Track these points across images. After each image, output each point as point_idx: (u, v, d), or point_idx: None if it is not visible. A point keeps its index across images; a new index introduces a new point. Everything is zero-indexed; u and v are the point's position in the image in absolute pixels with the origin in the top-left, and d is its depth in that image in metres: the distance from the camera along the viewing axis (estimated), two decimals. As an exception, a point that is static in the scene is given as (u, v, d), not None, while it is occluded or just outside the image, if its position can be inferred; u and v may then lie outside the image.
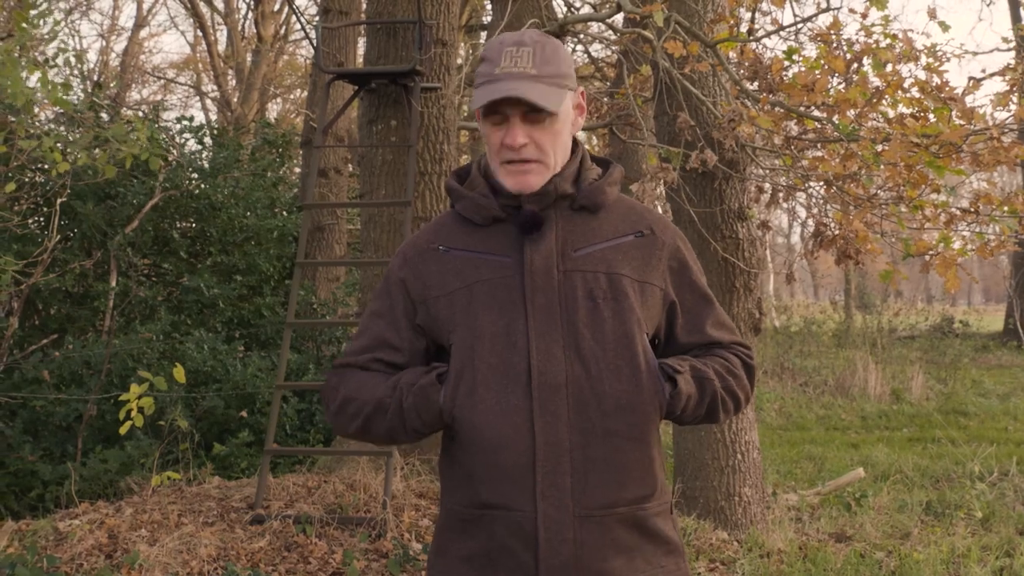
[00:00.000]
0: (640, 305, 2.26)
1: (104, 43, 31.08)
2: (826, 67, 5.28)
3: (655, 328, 2.33)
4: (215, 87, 30.57)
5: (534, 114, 2.22)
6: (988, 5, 35.56)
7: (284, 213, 11.12)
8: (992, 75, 7.10)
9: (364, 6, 13.80)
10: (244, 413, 8.23)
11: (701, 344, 2.39)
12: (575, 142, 2.37)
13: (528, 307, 2.20)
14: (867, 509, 7.44)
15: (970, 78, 5.51)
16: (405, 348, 2.33)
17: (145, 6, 32.65)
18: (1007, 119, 5.12)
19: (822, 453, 10.48)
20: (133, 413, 6.44)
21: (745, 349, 2.43)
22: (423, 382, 2.23)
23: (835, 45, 5.70)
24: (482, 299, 2.23)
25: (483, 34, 22.67)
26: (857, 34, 5.82)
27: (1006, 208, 5.81)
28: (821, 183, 6.24)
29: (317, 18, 12.86)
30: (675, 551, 2.31)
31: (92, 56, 31.31)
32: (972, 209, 5.87)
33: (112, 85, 14.88)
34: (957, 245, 5.32)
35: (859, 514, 7.30)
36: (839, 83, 5.96)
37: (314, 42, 8.46)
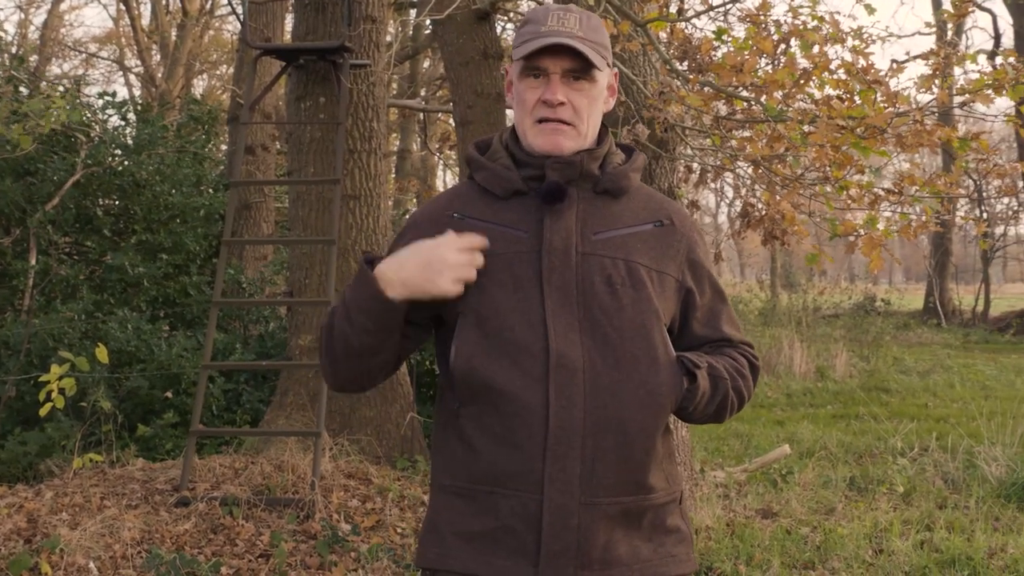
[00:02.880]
0: (658, 296, 2.22)
1: (23, 15, 30.26)
2: (755, 48, 5.31)
3: (671, 320, 2.30)
4: (139, 62, 29.97)
5: (575, 76, 2.20)
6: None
7: (210, 191, 10.94)
8: (914, 58, 7.21)
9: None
10: (169, 394, 8.10)
11: (713, 339, 2.36)
12: (603, 125, 2.34)
13: (545, 286, 2.15)
14: (793, 485, 7.54)
15: (893, 61, 5.57)
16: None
17: (66, -22, 31.90)
18: (930, 102, 5.19)
19: (749, 430, 10.61)
20: (54, 394, 6.30)
21: (751, 349, 2.41)
22: (359, 271, 2.18)
23: (763, 26, 5.73)
24: (495, 271, 2.17)
25: (412, 12, 22.45)
26: (785, 15, 5.87)
27: (928, 189, 5.91)
28: (749, 163, 6.29)
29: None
30: (684, 540, 2.28)
31: (10, 28, 30.53)
32: (896, 190, 5.95)
33: (31, 59, 14.52)
34: (882, 226, 5.38)
35: (785, 490, 7.40)
36: (767, 64, 6.00)
37: (241, 17, 8.32)
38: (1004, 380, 15.07)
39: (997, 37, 27.90)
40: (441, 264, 2.12)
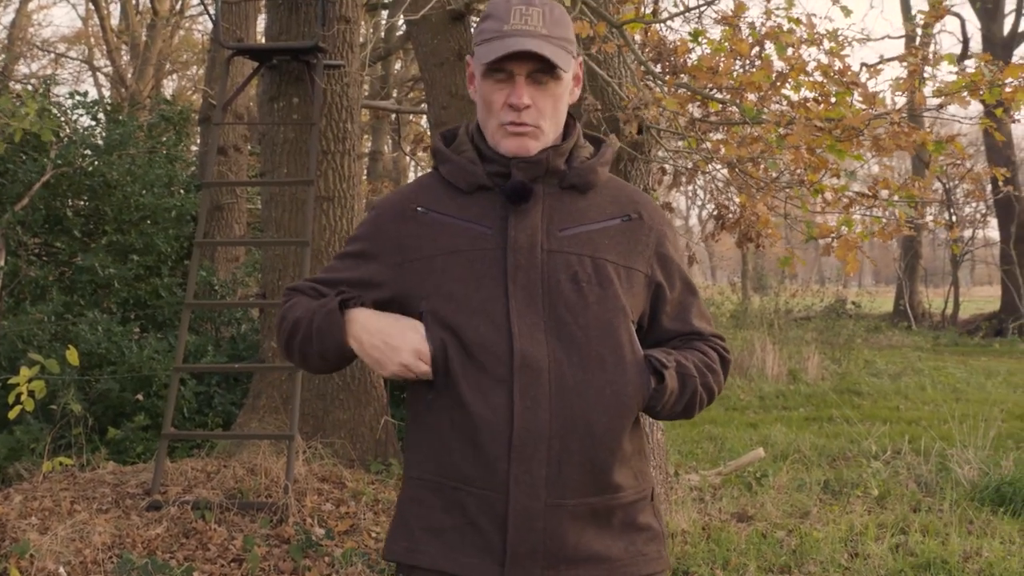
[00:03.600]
0: (625, 292, 2.20)
1: (-9, 14, 30.01)
2: (731, 50, 5.30)
3: (640, 315, 2.28)
4: (108, 62, 29.75)
5: (539, 76, 2.17)
6: (880, -6, 36.34)
7: (182, 192, 10.85)
8: (889, 60, 7.23)
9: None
10: (140, 396, 8.02)
11: (683, 333, 2.34)
12: (570, 116, 2.31)
13: (509, 284, 2.13)
14: (767, 489, 7.55)
15: (863, 64, 5.59)
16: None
17: (34, -23, 31.65)
18: (907, 104, 5.20)
19: (722, 433, 10.63)
20: (23, 397, 6.22)
21: (722, 342, 2.39)
22: (330, 306, 2.20)
23: (738, 28, 5.73)
24: (459, 269, 2.16)
25: (384, 13, 22.41)
26: (760, 17, 5.87)
27: (902, 193, 5.92)
28: (723, 165, 6.29)
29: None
30: (656, 538, 2.26)
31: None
32: (870, 193, 5.97)
33: (1, 58, 14.35)
34: (858, 229, 5.39)
35: (759, 494, 7.40)
36: (742, 67, 5.99)
37: (213, 17, 8.25)
38: (975, 383, 15.18)
39: (965, 41, 28.14)
40: (395, 353, 2.16)
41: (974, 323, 26.72)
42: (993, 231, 33.59)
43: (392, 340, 2.15)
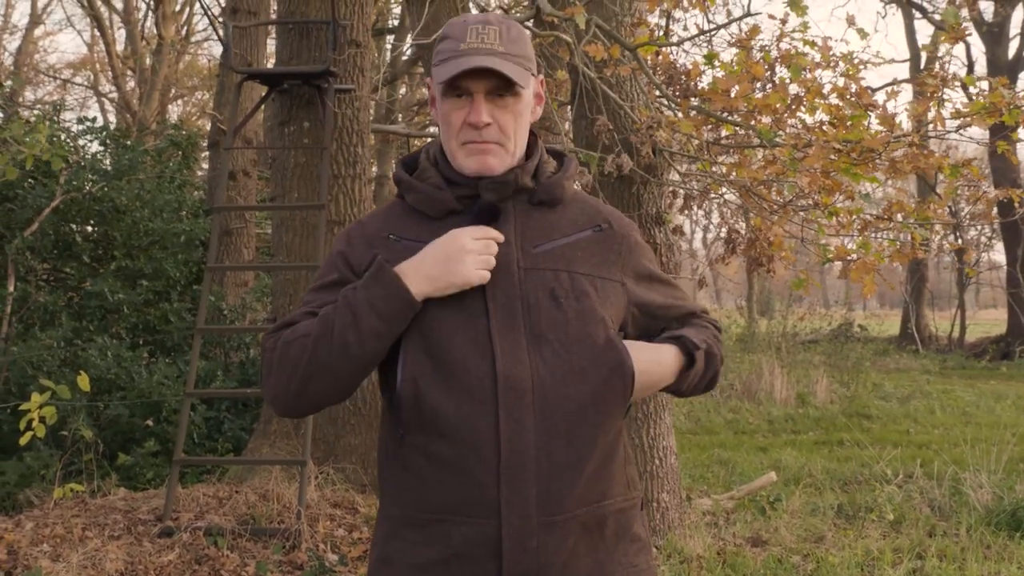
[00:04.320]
0: (602, 303, 2.19)
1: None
2: (746, 72, 5.30)
3: (620, 322, 2.27)
4: (114, 88, 29.88)
5: (499, 93, 2.16)
6: (883, 17, 36.52)
7: (190, 217, 10.85)
8: (902, 81, 7.23)
9: (273, 6, 13.58)
10: (150, 422, 8.00)
11: (680, 316, 2.39)
12: (532, 133, 2.30)
13: (489, 304, 2.11)
14: (781, 513, 7.50)
15: (884, 88, 5.58)
16: None
17: (40, 4, 31.83)
18: (927, 125, 5.19)
19: (731, 457, 10.57)
20: (35, 423, 6.20)
21: (714, 320, 2.46)
22: (371, 270, 2.11)
23: (752, 51, 5.73)
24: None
25: (390, 37, 22.52)
26: (774, 40, 5.87)
27: (917, 215, 5.90)
28: (737, 189, 6.28)
29: (221, 18, 12.60)
30: (644, 548, 2.25)
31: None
32: (886, 216, 5.95)
33: (10, 84, 14.39)
34: (874, 251, 5.38)
35: (773, 518, 7.35)
36: (756, 90, 5.99)
37: (224, 42, 8.27)
38: (984, 406, 15.10)
39: (970, 65, 28.18)
40: (461, 252, 2.09)
41: (981, 346, 26.63)
42: (997, 254, 33.55)
43: (451, 254, 2.10)
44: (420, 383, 2.08)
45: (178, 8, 26.63)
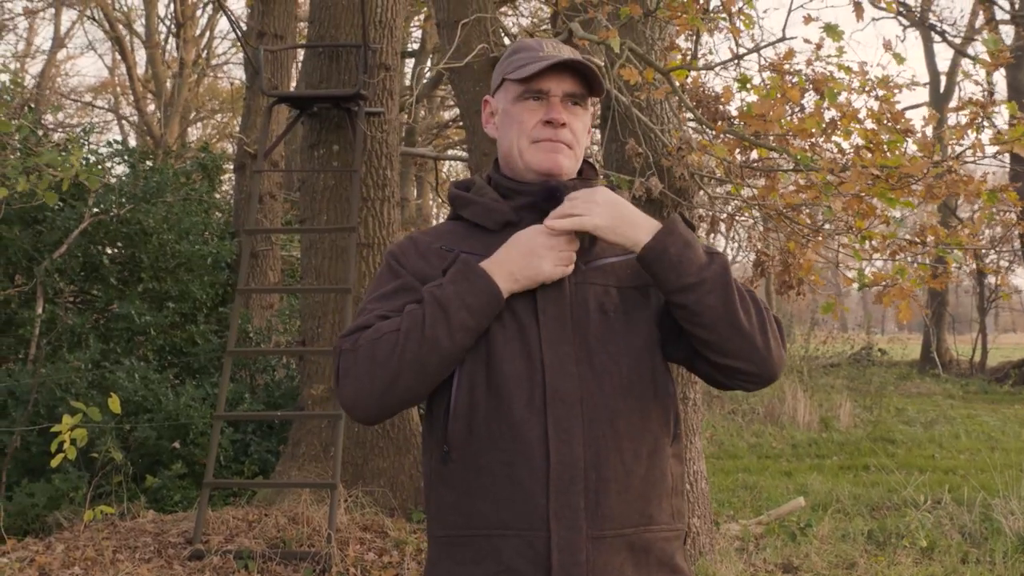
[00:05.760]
0: (648, 320, 2.20)
1: (18, 65, 30.31)
2: (781, 96, 5.29)
3: (665, 331, 2.23)
4: (135, 111, 30.06)
5: (573, 101, 2.21)
6: (902, 41, 36.42)
7: (215, 239, 10.88)
8: (920, 105, 7.20)
9: (302, 29, 13.67)
10: (177, 444, 7.99)
11: None
12: (585, 161, 2.33)
13: (540, 316, 2.13)
14: (811, 539, 7.44)
15: (924, 117, 5.56)
16: None
17: (63, 28, 32.10)
18: (964, 150, 5.17)
19: (756, 481, 10.51)
20: (66, 445, 6.21)
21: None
22: (456, 266, 2.11)
23: (788, 75, 5.72)
24: None
25: (410, 61, 22.61)
26: (809, 65, 5.86)
27: (952, 240, 5.87)
28: (770, 213, 6.26)
29: (243, 42, 12.67)
30: None
31: (3, 77, 30.60)
32: (919, 240, 5.92)
33: (42, 108, 14.52)
34: (910, 277, 5.35)
35: (804, 544, 7.29)
36: (791, 114, 5.98)
37: (256, 66, 8.31)
38: (1009, 431, 14.98)
39: (991, 90, 28.11)
40: (543, 249, 2.11)
41: (1003, 370, 26.41)
42: (1018, 278, 33.40)
43: (533, 250, 2.11)
44: (476, 393, 2.10)
45: (199, 32, 26.82)
